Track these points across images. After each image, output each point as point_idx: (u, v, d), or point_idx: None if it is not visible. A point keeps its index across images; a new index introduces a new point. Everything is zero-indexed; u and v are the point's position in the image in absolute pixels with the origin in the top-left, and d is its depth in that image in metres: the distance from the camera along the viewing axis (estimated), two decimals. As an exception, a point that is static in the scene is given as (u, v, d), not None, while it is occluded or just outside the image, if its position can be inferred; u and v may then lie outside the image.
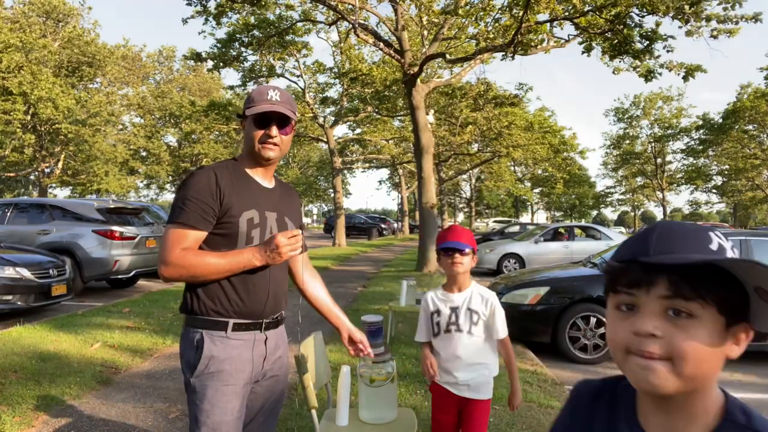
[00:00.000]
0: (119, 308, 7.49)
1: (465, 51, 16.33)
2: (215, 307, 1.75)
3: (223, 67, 18.36)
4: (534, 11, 10.44)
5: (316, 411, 2.36)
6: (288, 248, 1.72)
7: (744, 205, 48.58)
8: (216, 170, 1.77)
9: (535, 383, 4.60)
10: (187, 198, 1.72)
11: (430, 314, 2.38)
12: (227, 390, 1.72)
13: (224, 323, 1.75)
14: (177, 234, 1.71)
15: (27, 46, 26.28)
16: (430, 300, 2.40)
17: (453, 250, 2.26)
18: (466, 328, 2.30)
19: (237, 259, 1.72)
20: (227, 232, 1.76)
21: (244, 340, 1.78)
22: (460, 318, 2.31)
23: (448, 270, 2.32)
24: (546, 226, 17.28)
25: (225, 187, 1.75)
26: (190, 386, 1.75)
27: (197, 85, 45.14)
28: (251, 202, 1.80)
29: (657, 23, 11.18)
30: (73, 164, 32.14)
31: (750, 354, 5.35)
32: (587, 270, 6.62)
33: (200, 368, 1.72)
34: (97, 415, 3.70)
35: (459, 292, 2.35)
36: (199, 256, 1.71)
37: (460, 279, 2.33)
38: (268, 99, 1.79)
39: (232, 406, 1.73)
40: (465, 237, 2.29)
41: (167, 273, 1.71)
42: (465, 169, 40.12)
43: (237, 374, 1.75)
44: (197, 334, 1.75)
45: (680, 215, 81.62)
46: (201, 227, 1.73)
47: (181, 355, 1.81)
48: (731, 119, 37.73)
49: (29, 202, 9.91)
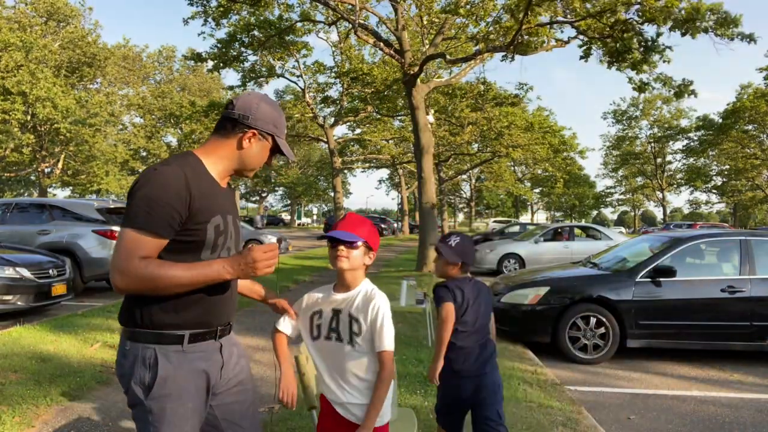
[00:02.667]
0: (119, 308, 7.47)
1: (465, 51, 16.34)
2: (170, 319, 1.60)
3: (223, 68, 18.36)
4: (534, 13, 10.44)
5: (316, 411, 2.36)
6: (265, 264, 1.57)
7: (744, 205, 48.58)
8: (184, 169, 1.59)
9: (535, 383, 4.60)
10: (152, 200, 1.52)
11: (310, 315, 1.99)
12: (187, 408, 1.61)
13: (180, 336, 1.61)
14: (136, 240, 1.52)
15: (27, 46, 26.28)
16: (312, 299, 2.02)
17: (337, 241, 1.88)
18: (346, 338, 1.90)
19: (205, 272, 1.57)
20: (193, 240, 1.60)
21: (201, 352, 1.66)
22: (341, 324, 1.92)
23: (332, 264, 1.92)
24: (546, 226, 17.27)
25: (195, 190, 1.58)
26: (145, 408, 1.59)
27: (197, 85, 45.18)
28: (216, 206, 1.66)
29: (658, 33, 11.18)
30: (73, 164, 32.15)
31: (750, 354, 5.35)
32: (587, 270, 6.62)
33: (156, 390, 1.57)
34: (97, 415, 3.70)
35: (344, 293, 1.95)
36: (163, 267, 1.53)
37: (346, 276, 1.93)
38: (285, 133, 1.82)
39: (192, 424, 1.63)
40: (358, 227, 1.90)
41: (123, 284, 1.53)
42: (465, 169, 40.15)
43: (196, 390, 1.64)
44: (148, 351, 1.59)
45: (680, 215, 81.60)
46: (165, 235, 1.55)
47: (126, 374, 1.62)
48: (731, 119, 37.74)
49: (29, 202, 9.90)
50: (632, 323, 5.65)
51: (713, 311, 5.67)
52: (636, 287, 5.73)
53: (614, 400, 4.58)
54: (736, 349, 5.75)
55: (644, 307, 5.68)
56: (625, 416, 4.22)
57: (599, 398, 4.63)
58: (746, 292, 5.63)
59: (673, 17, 10.36)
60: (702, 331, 5.68)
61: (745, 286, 5.66)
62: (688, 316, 5.66)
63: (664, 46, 11.18)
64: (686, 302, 5.69)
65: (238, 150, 1.70)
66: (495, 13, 11.66)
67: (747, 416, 4.26)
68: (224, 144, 1.70)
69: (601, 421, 4.03)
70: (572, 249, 14.22)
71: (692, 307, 5.68)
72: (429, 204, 13.72)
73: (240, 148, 1.70)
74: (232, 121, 1.69)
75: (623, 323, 5.66)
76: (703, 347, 5.75)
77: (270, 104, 1.74)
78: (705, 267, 6.20)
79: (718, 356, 6.02)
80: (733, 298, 5.63)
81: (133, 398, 1.61)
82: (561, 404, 4.09)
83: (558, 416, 3.86)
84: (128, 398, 1.63)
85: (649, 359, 5.89)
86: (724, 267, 6.04)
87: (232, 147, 1.70)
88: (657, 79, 11.96)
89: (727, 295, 5.64)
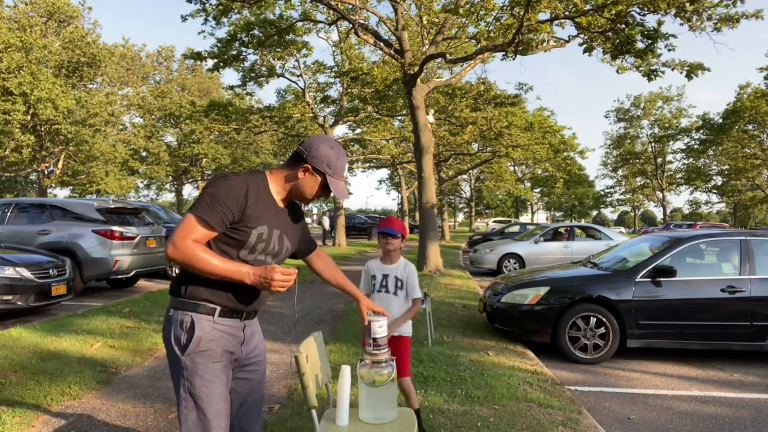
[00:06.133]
0: (119, 308, 7.49)
1: (465, 51, 16.32)
2: (206, 295, 1.95)
3: (223, 67, 18.32)
4: (535, 10, 10.41)
5: (316, 411, 2.36)
6: (279, 284, 1.87)
7: (744, 205, 48.58)
8: (249, 182, 1.97)
9: (535, 383, 4.60)
10: (216, 197, 1.88)
11: (370, 276, 3.29)
12: (216, 366, 1.94)
13: (212, 309, 1.96)
14: (193, 224, 1.88)
15: (27, 46, 26.25)
16: (371, 267, 3.31)
17: (387, 234, 3.19)
18: (392, 291, 3.21)
19: (232, 271, 1.89)
20: (238, 238, 1.95)
21: (227, 326, 1.99)
22: (389, 283, 3.22)
23: (381, 246, 3.24)
24: (546, 226, 17.26)
25: (251, 200, 1.95)
26: (180, 364, 1.93)
27: (197, 85, 45.13)
28: (266, 218, 2.00)
29: (659, 22, 11.14)
30: (73, 164, 32.11)
31: (750, 354, 5.35)
32: (587, 270, 6.62)
33: (192, 347, 1.91)
34: (97, 415, 3.70)
35: (391, 264, 3.26)
36: (206, 254, 1.87)
37: (392, 255, 3.26)
38: (344, 176, 2.11)
39: (221, 380, 1.95)
40: (397, 225, 3.24)
41: (172, 254, 1.87)
42: (465, 169, 40.12)
43: (223, 353, 1.97)
44: (187, 317, 1.94)
45: (680, 215, 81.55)
46: (216, 228, 1.90)
47: (168, 336, 1.96)
48: (731, 119, 37.74)
49: (29, 202, 9.89)
50: (632, 323, 5.65)
51: (713, 311, 5.67)
52: (636, 287, 5.73)
53: (614, 400, 4.58)
54: (736, 349, 5.75)
55: (644, 307, 5.68)
56: (625, 416, 4.22)
57: (599, 398, 4.63)
58: (746, 292, 5.63)
59: (676, 4, 10.30)
60: (702, 331, 5.68)
61: (745, 286, 5.66)
62: (688, 316, 5.66)
63: (668, 34, 11.15)
64: (686, 302, 5.69)
65: (295, 180, 2.06)
66: (495, 12, 11.63)
67: (747, 416, 4.26)
68: (287, 172, 2.07)
69: (601, 421, 4.03)
70: (572, 249, 14.23)
71: (692, 307, 5.68)
72: (429, 204, 13.71)
73: (296, 178, 2.06)
74: (296, 155, 2.07)
75: (623, 323, 5.67)
76: (703, 347, 5.75)
77: (330, 147, 2.05)
78: (705, 267, 6.20)
79: (718, 356, 6.02)
80: (733, 298, 5.63)
81: (171, 356, 1.96)
82: (561, 404, 4.09)
83: (558, 416, 3.86)
84: (167, 357, 1.99)
85: (649, 359, 5.89)
86: (724, 267, 6.04)
87: (291, 176, 2.06)
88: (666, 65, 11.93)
89: (727, 295, 5.64)
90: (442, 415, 3.79)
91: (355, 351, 5.34)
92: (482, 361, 5.25)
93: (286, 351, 5.49)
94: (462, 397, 4.16)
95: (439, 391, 4.27)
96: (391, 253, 3.23)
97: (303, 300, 8.86)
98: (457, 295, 9.59)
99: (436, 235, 13.98)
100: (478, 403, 4.05)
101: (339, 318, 7.41)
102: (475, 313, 7.94)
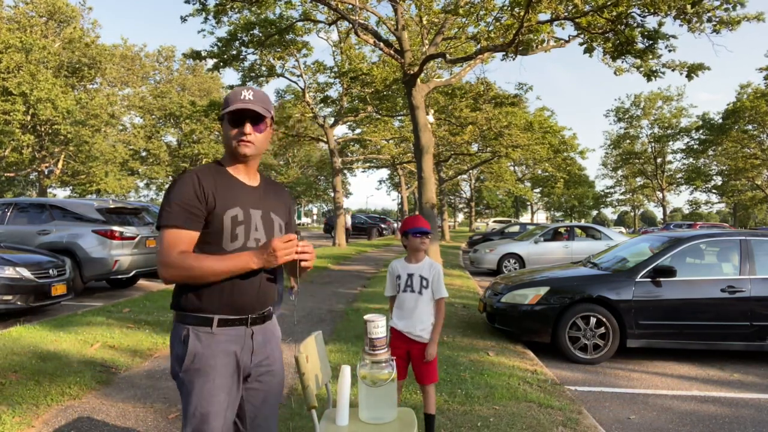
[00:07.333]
0: (119, 308, 7.48)
1: (465, 51, 16.32)
2: (201, 304, 1.83)
3: (223, 67, 18.32)
4: (535, 11, 10.41)
5: (316, 411, 2.36)
6: (284, 252, 1.78)
7: (744, 205, 48.58)
8: (198, 173, 1.86)
9: (535, 383, 4.60)
10: (172, 200, 1.80)
11: (395, 276, 3.23)
12: (213, 385, 1.81)
13: (209, 319, 1.83)
14: (171, 236, 1.78)
15: (27, 47, 26.25)
16: (395, 267, 3.26)
17: (423, 234, 3.15)
18: (417, 290, 3.13)
19: (234, 262, 1.79)
20: (212, 230, 1.83)
21: (230, 335, 1.86)
22: (414, 282, 3.14)
23: (416, 247, 3.17)
24: (546, 226, 17.26)
25: (208, 188, 1.83)
26: (179, 379, 1.85)
27: (197, 85, 45.14)
28: (234, 200, 1.88)
29: (660, 23, 11.14)
30: (73, 164, 32.12)
31: (750, 354, 5.35)
32: (587, 270, 6.62)
33: (186, 363, 1.82)
34: (97, 415, 3.70)
35: (416, 263, 3.19)
36: (198, 260, 1.77)
37: (421, 254, 3.20)
38: (241, 99, 1.86)
39: (218, 400, 1.81)
40: (427, 223, 3.22)
41: (168, 275, 1.78)
42: (465, 169, 40.11)
43: (222, 369, 1.83)
44: (184, 330, 1.84)
45: (680, 215, 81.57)
46: (192, 227, 1.80)
47: (171, 350, 1.90)
48: (731, 119, 37.73)
49: (29, 202, 9.89)
50: (632, 323, 5.65)
51: (713, 311, 5.67)
52: (636, 287, 5.73)
53: (614, 400, 4.58)
54: (736, 349, 5.75)
55: (644, 307, 5.68)
56: (625, 416, 4.22)
57: (599, 398, 4.64)
58: (746, 292, 5.63)
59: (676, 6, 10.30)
60: (702, 331, 5.68)
61: (745, 286, 5.66)
62: (688, 316, 5.66)
63: (668, 35, 11.15)
64: (686, 302, 5.69)
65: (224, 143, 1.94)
66: (495, 12, 11.63)
67: (747, 416, 4.26)
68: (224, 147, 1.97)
69: (601, 421, 4.03)
70: (572, 249, 14.23)
71: (692, 307, 5.68)
72: (429, 204, 13.71)
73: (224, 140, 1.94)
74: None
75: (623, 323, 5.67)
76: (703, 347, 5.75)
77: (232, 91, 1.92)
78: (705, 267, 6.20)
79: (718, 356, 6.02)
80: (733, 298, 5.63)
81: (173, 370, 1.88)
82: (561, 404, 4.09)
83: (558, 416, 3.86)
84: (171, 371, 1.90)
85: (649, 359, 5.89)
86: (724, 267, 6.04)
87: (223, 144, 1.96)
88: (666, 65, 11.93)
89: (727, 295, 5.64)
90: (442, 415, 3.79)
91: (355, 351, 5.34)
92: (482, 361, 5.25)
93: (286, 351, 5.49)
94: (462, 397, 4.16)
95: (439, 391, 4.27)
96: (420, 253, 3.20)
97: (303, 300, 8.86)
98: (457, 295, 9.59)
99: (436, 235, 13.98)
100: (478, 403, 4.05)
101: (339, 318, 7.41)
102: (475, 313, 7.94)
